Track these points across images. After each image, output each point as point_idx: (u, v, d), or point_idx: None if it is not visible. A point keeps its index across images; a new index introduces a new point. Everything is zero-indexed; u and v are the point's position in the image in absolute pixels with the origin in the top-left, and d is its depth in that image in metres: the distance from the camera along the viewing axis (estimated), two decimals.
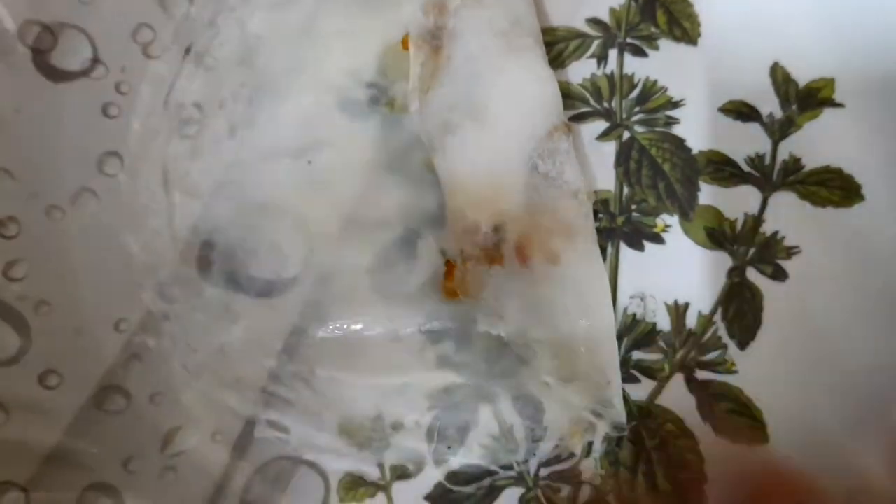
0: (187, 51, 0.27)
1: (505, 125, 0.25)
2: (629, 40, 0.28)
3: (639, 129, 0.27)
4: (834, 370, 0.25)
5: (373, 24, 0.27)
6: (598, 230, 0.26)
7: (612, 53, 0.28)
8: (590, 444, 0.25)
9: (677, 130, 0.27)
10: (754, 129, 0.27)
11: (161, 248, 0.26)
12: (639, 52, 0.27)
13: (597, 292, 0.25)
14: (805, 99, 0.27)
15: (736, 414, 0.25)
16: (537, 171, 0.25)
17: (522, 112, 0.25)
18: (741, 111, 0.27)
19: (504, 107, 0.25)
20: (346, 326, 0.26)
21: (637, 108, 0.27)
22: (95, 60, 0.27)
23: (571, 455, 0.25)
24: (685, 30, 0.27)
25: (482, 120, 0.25)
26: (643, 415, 0.25)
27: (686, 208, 0.26)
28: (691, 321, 0.26)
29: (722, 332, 0.25)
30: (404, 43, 0.26)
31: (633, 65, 0.27)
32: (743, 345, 0.25)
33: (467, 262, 0.25)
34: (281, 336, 0.26)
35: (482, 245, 0.25)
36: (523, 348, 0.25)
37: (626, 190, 0.27)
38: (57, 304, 0.25)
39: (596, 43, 0.28)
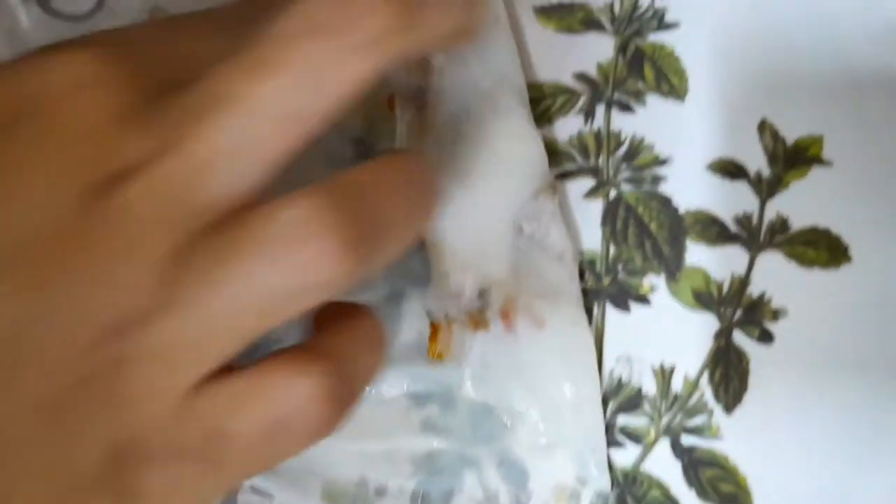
0: None
1: (490, 188, 0.25)
2: (616, 96, 0.27)
3: (626, 187, 0.27)
4: (821, 437, 0.24)
5: None
6: (584, 291, 0.26)
7: (600, 109, 0.27)
8: None
9: (664, 189, 0.27)
10: (742, 187, 0.26)
11: None
12: (626, 108, 0.27)
13: (582, 357, 0.25)
14: (793, 157, 0.26)
15: (721, 481, 0.25)
16: (522, 234, 0.25)
17: (507, 174, 0.25)
18: (729, 169, 0.27)
19: (489, 169, 0.25)
20: None
21: (624, 166, 0.27)
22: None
23: None
24: (673, 85, 0.27)
25: (467, 182, 0.25)
26: (628, 481, 0.25)
27: (673, 269, 0.26)
28: (677, 384, 0.25)
29: (708, 396, 0.25)
30: (390, 103, 0.26)
31: (620, 121, 0.27)
32: (729, 409, 0.25)
33: (452, 326, 0.25)
34: None
35: (467, 309, 0.25)
36: (508, 413, 0.25)
37: (612, 249, 0.26)
38: None
39: (583, 98, 0.27)
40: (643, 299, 0.26)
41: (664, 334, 0.26)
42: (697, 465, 0.25)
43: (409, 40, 0.17)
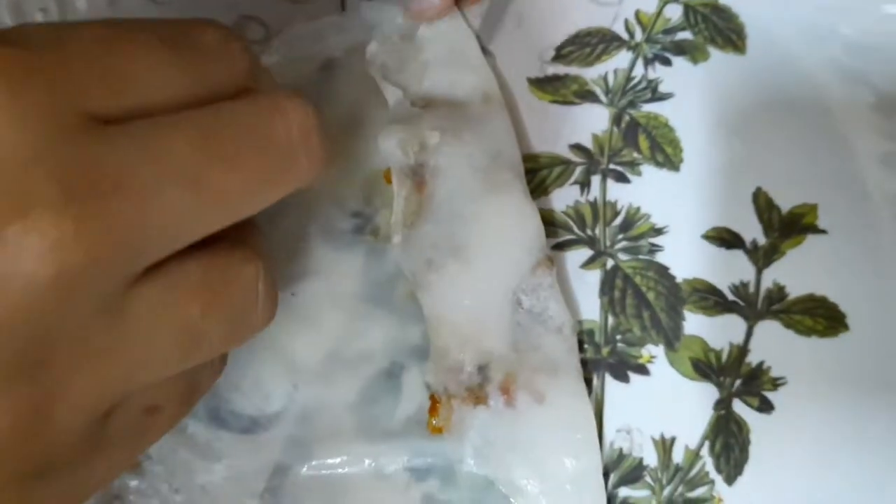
0: None
1: (487, 263, 0.25)
2: (612, 166, 0.28)
3: (623, 257, 0.27)
4: None
5: (356, 152, 0.27)
6: (583, 361, 0.26)
7: (595, 180, 0.28)
8: None
9: (661, 258, 0.27)
10: (738, 256, 0.27)
11: None
12: (622, 178, 0.28)
13: (583, 430, 0.25)
14: (788, 225, 0.27)
15: None
16: (521, 308, 0.25)
17: (505, 249, 0.25)
18: (724, 238, 0.27)
19: (486, 245, 0.25)
20: (330, 464, 0.26)
21: (621, 236, 0.27)
22: None
23: None
24: (667, 155, 0.28)
25: (464, 258, 0.25)
26: None
27: (671, 338, 0.26)
28: (678, 455, 0.25)
29: (709, 466, 0.25)
30: (386, 177, 0.26)
31: (616, 191, 0.28)
32: (730, 480, 0.25)
33: (452, 400, 0.25)
34: (264, 474, 0.26)
35: (467, 385, 0.25)
36: (509, 487, 0.25)
37: (610, 320, 0.27)
38: None
39: (579, 169, 0.28)
40: (642, 369, 0.26)
41: (664, 404, 0.26)
42: None
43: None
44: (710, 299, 0.26)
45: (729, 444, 0.25)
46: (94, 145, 0.16)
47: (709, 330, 0.26)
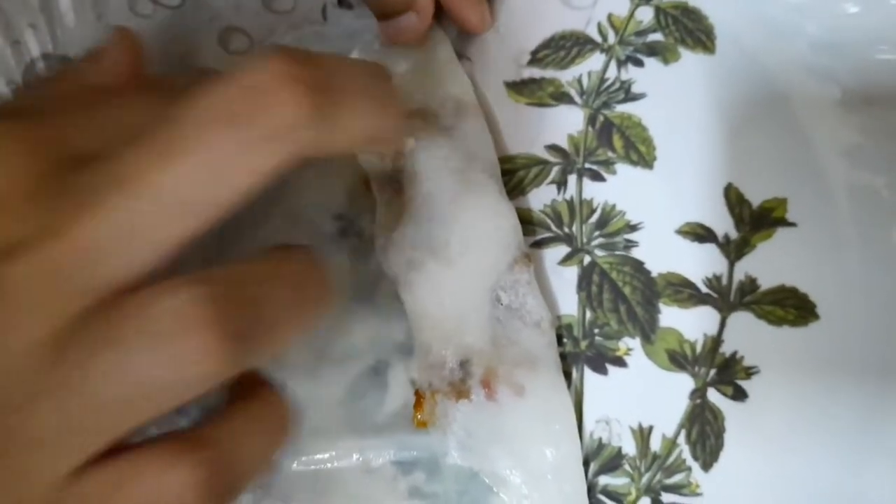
0: None
1: (466, 262, 0.26)
2: (587, 165, 0.29)
3: (599, 253, 0.28)
4: (796, 491, 0.25)
5: (338, 158, 0.28)
6: (562, 355, 0.27)
7: (572, 179, 0.29)
8: None
9: (636, 253, 0.28)
10: (711, 250, 0.28)
11: None
12: (597, 177, 0.28)
13: (562, 421, 0.26)
14: (758, 219, 0.28)
15: None
16: (500, 304, 0.26)
17: (483, 248, 0.26)
18: (697, 233, 0.28)
19: (464, 244, 0.26)
20: (319, 459, 0.26)
21: (597, 233, 0.28)
22: None
23: None
24: (641, 154, 0.28)
25: (444, 258, 0.26)
26: None
27: (647, 331, 0.27)
28: (656, 444, 0.26)
29: (686, 454, 0.26)
30: (365, 184, 0.27)
31: (591, 189, 0.28)
32: (707, 467, 0.26)
33: (436, 395, 0.26)
34: None
35: (449, 379, 0.26)
36: (493, 477, 0.26)
37: (588, 314, 0.27)
38: None
39: (555, 169, 0.29)
40: (620, 362, 0.27)
41: (641, 395, 0.27)
42: None
43: (317, 139, 0.17)
44: (685, 292, 0.27)
45: (705, 431, 0.26)
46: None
47: (684, 322, 0.27)
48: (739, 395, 0.26)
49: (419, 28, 0.27)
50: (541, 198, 0.28)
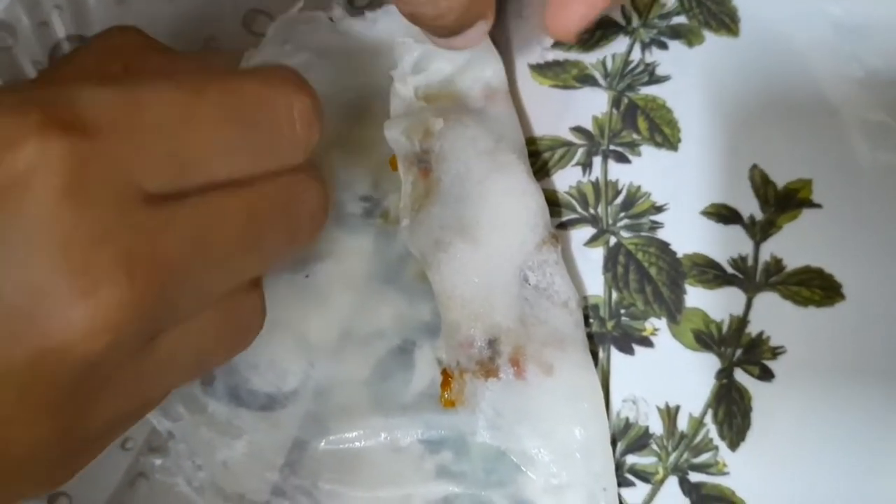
0: None
1: (495, 242, 0.26)
2: (612, 147, 0.29)
3: (625, 234, 0.28)
4: (824, 470, 0.25)
5: (364, 139, 0.28)
6: (590, 335, 0.27)
7: (597, 161, 0.29)
8: None
9: (662, 234, 0.28)
10: (736, 231, 0.28)
11: None
12: (622, 159, 0.29)
13: (591, 400, 0.26)
14: (784, 200, 0.28)
15: None
16: (528, 284, 0.26)
17: (511, 228, 0.26)
18: (722, 214, 0.28)
19: (492, 224, 0.26)
20: (346, 438, 0.26)
21: (622, 214, 0.28)
22: None
23: None
24: (666, 136, 0.28)
25: (472, 238, 0.26)
26: None
27: (673, 311, 0.27)
28: (683, 423, 0.26)
29: (713, 433, 0.26)
30: (392, 164, 0.27)
31: (616, 171, 0.28)
32: (734, 446, 0.26)
33: (464, 374, 0.26)
34: (283, 450, 0.26)
35: (478, 358, 0.26)
36: (520, 456, 0.26)
37: (614, 295, 0.28)
38: None
39: (580, 151, 0.29)
40: (646, 342, 0.27)
41: (668, 375, 0.27)
42: (706, 501, 0.26)
43: None
44: (710, 273, 0.27)
45: (731, 411, 0.26)
46: (152, 224, 0.18)
47: (709, 302, 0.27)
48: (766, 375, 0.26)
49: (486, 32, 0.26)
50: (566, 179, 0.28)
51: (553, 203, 0.28)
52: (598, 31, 0.30)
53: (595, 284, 0.28)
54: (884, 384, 0.26)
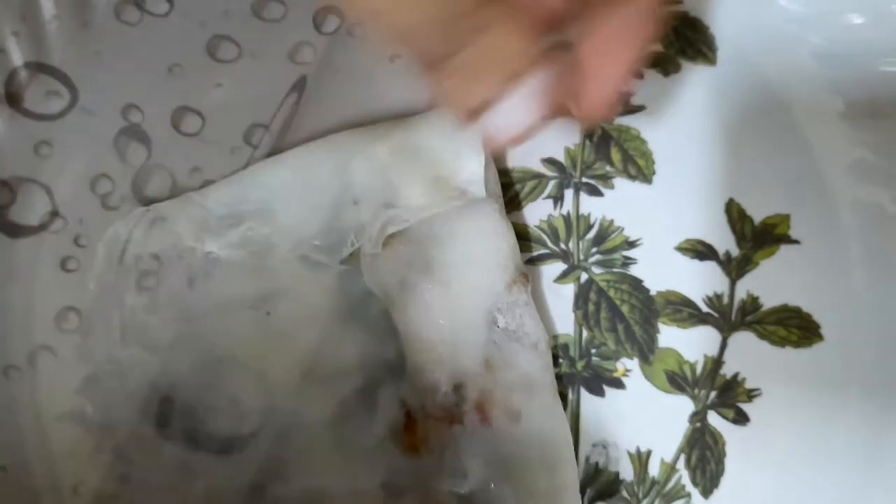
0: (145, 201, 0.27)
1: (463, 283, 0.25)
2: (585, 179, 0.28)
3: (596, 270, 0.27)
4: None
5: (328, 175, 0.27)
6: (559, 376, 0.26)
7: (568, 193, 0.28)
8: None
9: (635, 271, 0.27)
10: (711, 267, 0.27)
11: (118, 408, 0.26)
12: (594, 192, 0.28)
13: (559, 447, 0.25)
14: (761, 236, 0.27)
15: None
16: (497, 327, 0.25)
17: (480, 269, 0.25)
18: (698, 250, 0.27)
19: (461, 265, 0.25)
20: (306, 483, 0.26)
21: (594, 249, 0.27)
22: (54, 213, 0.27)
23: None
24: (640, 167, 0.28)
25: (440, 278, 0.25)
26: None
27: (646, 351, 0.26)
28: (654, 469, 0.25)
29: (685, 479, 0.25)
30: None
31: (589, 204, 0.28)
32: (707, 493, 0.25)
33: (428, 420, 0.25)
34: (240, 494, 0.26)
35: (442, 404, 0.25)
36: None
37: (585, 333, 0.27)
38: (13, 468, 0.25)
39: (552, 183, 0.28)
40: (618, 383, 0.26)
41: (640, 418, 0.26)
42: None
43: None
44: (684, 311, 0.26)
45: (705, 456, 0.25)
46: None
47: (683, 342, 0.26)
48: (741, 418, 0.25)
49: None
50: (537, 213, 0.28)
51: (523, 237, 0.27)
52: None
53: (565, 323, 0.27)
54: (862, 428, 0.25)
